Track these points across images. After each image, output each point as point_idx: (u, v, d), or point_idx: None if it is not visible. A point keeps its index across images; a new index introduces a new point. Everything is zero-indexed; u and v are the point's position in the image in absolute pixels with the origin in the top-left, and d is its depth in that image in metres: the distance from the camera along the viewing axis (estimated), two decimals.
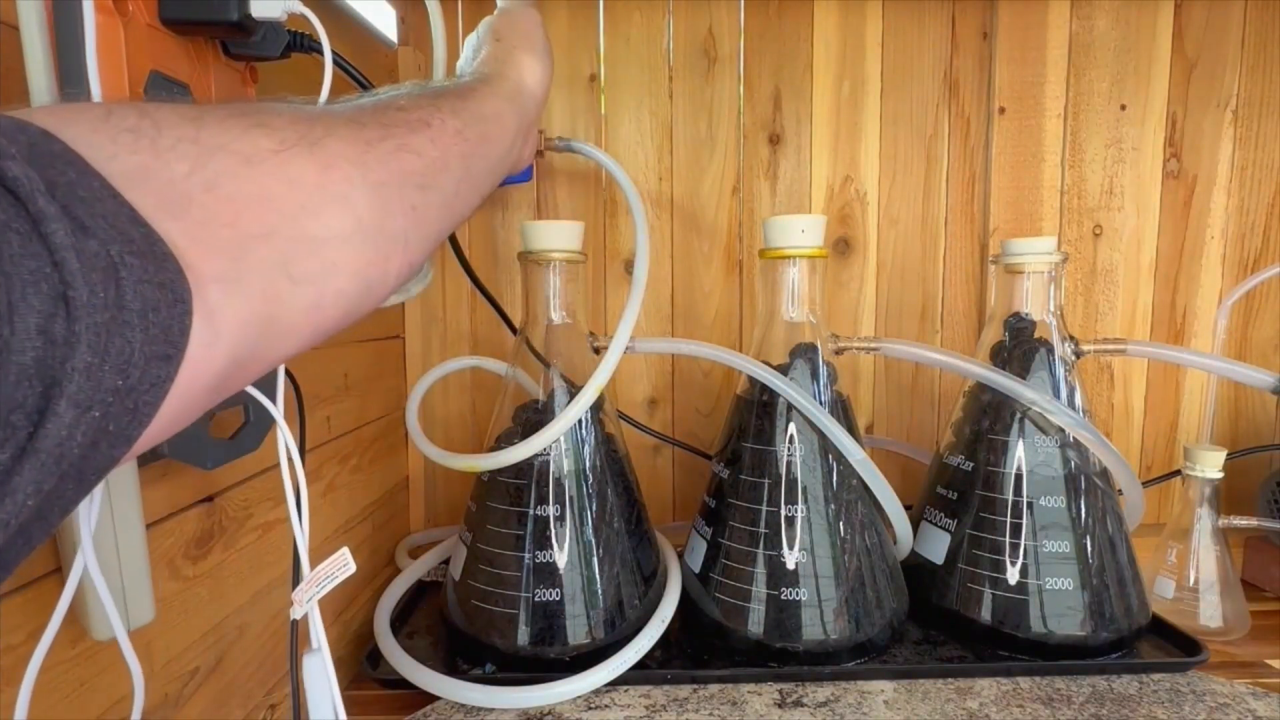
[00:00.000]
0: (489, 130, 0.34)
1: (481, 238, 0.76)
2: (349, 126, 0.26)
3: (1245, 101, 0.74)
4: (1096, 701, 0.47)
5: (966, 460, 0.57)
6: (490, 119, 0.35)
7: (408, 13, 0.72)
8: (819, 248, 0.54)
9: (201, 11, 0.34)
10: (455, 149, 0.31)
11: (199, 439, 0.36)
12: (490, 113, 0.35)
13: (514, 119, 0.37)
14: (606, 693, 0.49)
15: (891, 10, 0.74)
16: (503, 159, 0.36)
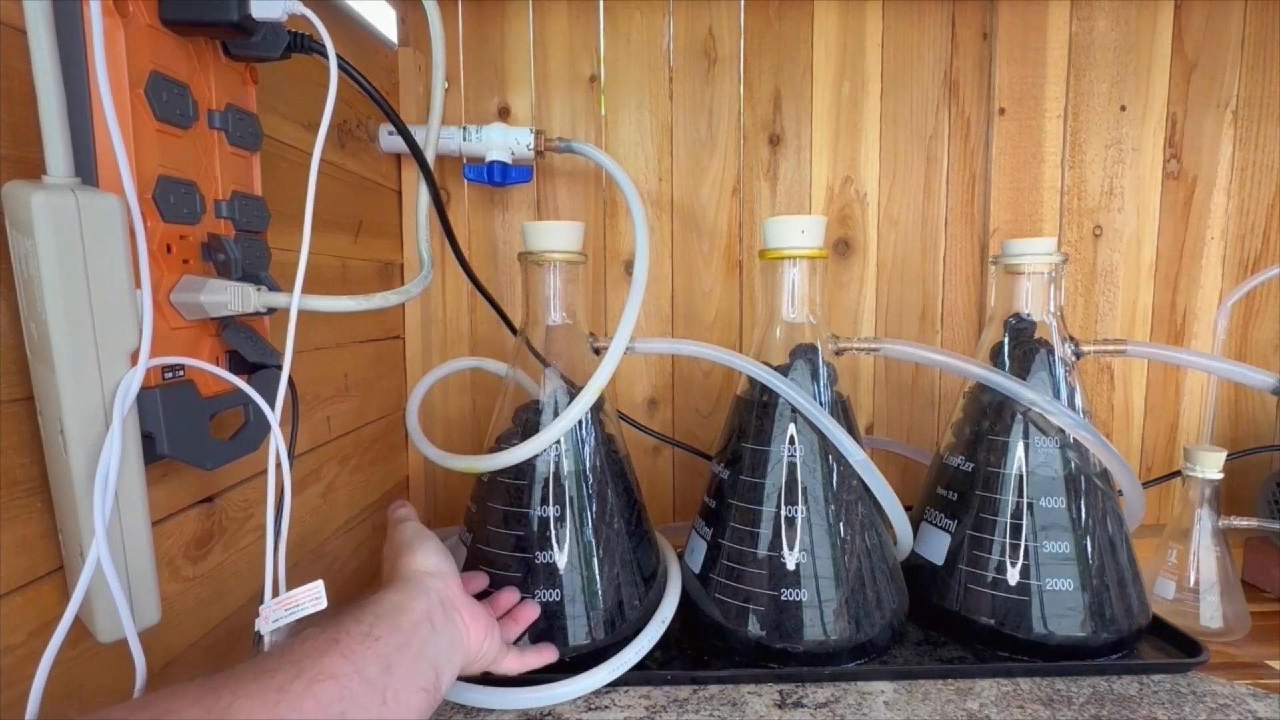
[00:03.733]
0: (399, 620, 0.35)
1: (481, 238, 0.76)
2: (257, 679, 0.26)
3: (1245, 102, 0.74)
4: (1097, 702, 0.47)
5: (967, 461, 0.57)
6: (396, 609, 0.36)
7: (407, 13, 0.72)
8: (819, 248, 0.54)
9: (202, 12, 0.34)
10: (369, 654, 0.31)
11: (199, 439, 0.36)
12: (394, 604, 0.36)
13: (419, 600, 0.37)
14: (607, 693, 0.49)
15: (891, 11, 0.74)
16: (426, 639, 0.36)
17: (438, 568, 0.41)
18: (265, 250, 0.42)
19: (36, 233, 0.28)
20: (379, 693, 0.31)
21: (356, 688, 0.30)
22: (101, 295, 0.30)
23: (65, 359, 0.29)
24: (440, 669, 0.36)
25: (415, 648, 0.35)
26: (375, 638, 0.33)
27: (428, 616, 0.37)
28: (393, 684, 0.32)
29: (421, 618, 0.37)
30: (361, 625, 0.33)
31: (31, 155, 0.31)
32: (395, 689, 0.32)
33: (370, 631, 0.33)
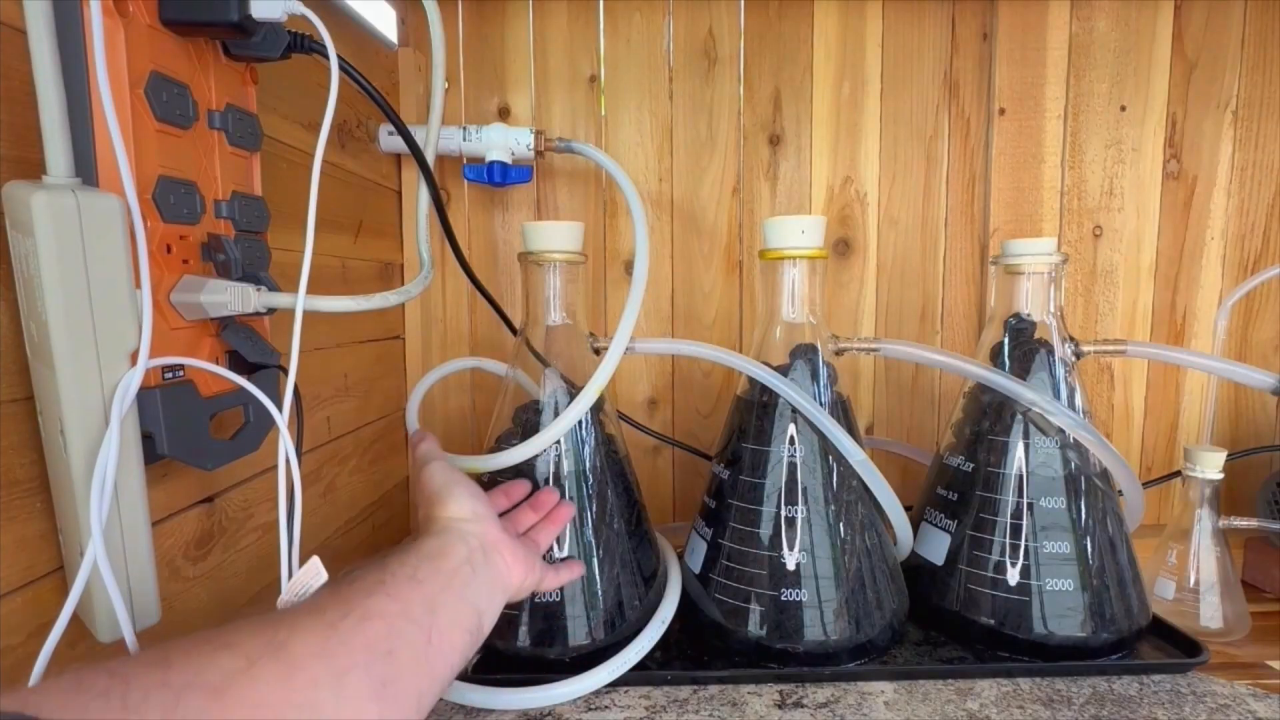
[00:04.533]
0: (440, 564, 0.36)
1: (481, 238, 0.76)
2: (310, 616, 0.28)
3: (1245, 102, 0.74)
4: (1097, 703, 0.47)
5: (967, 461, 0.57)
6: (437, 554, 0.36)
7: (408, 14, 0.72)
8: (819, 249, 0.54)
9: (202, 12, 0.34)
10: (414, 595, 0.32)
11: (200, 439, 0.36)
12: (434, 549, 0.37)
13: (458, 545, 0.38)
14: (607, 694, 0.49)
15: (891, 11, 0.74)
16: (467, 581, 0.37)
17: (473, 512, 0.41)
18: (265, 250, 0.42)
19: (37, 233, 0.28)
20: (424, 631, 0.32)
21: (403, 627, 0.31)
22: (101, 295, 0.30)
23: (65, 359, 0.29)
24: (482, 610, 0.37)
25: (457, 589, 0.35)
26: (419, 580, 0.33)
27: (468, 561, 0.37)
28: (437, 624, 0.32)
29: (462, 562, 0.37)
30: (406, 568, 0.34)
31: (32, 155, 0.31)
32: (440, 628, 0.32)
33: (414, 575, 0.34)
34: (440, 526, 0.40)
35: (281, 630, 0.26)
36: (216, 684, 0.22)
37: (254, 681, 0.23)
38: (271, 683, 0.24)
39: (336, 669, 0.26)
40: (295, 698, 0.24)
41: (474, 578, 0.37)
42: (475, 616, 0.36)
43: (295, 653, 0.25)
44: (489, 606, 0.38)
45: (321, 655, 0.26)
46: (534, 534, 0.47)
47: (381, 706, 0.27)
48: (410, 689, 0.30)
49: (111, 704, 0.20)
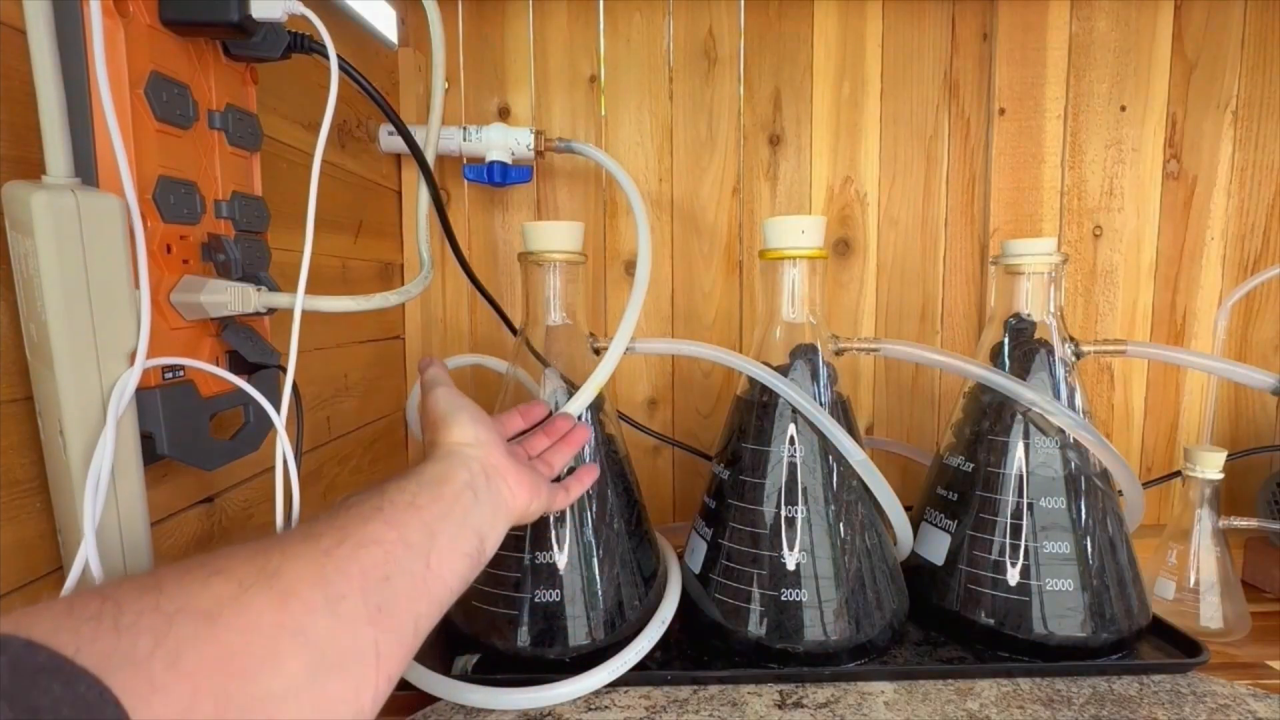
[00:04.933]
0: (441, 490, 0.35)
1: (481, 238, 0.76)
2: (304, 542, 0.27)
3: (1245, 102, 0.74)
4: (1097, 703, 0.47)
5: (967, 461, 0.57)
6: (438, 480, 0.36)
7: (408, 13, 0.72)
8: (819, 248, 0.54)
9: (202, 12, 0.34)
10: (413, 521, 0.32)
11: (200, 440, 0.36)
12: (435, 474, 0.36)
13: (460, 470, 0.37)
14: (607, 694, 0.49)
15: (891, 11, 0.74)
16: (469, 507, 0.36)
17: (476, 437, 0.40)
18: (265, 250, 0.42)
19: (36, 233, 0.28)
20: (423, 557, 0.31)
21: (401, 553, 0.30)
22: (101, 295, 0.30)
23: (65, 359, 0.29)
24: (484, 535, 0.37)
25: (458, 515, 0.35)
26: (418, 506, 0.33)
27: (470, 486, 0.37)
28: (437, 549, 0.32)
29: (463, 487, 0.37)
30: (405, 494, 0.33)
31: (31, 155, 0.31)
32: (439, 553, 0.32)
33: (413, 501, 0.33)
34: (443, 452, 0.39)
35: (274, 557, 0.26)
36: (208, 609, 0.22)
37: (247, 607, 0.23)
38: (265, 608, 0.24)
39: (331, 595, 0.26)
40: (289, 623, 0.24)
41: (475, 503, 0.37)
42: (477, 541, 0.36)
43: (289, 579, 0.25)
44: (491, 531, 0.37)
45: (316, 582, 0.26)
46: (547, 456, 0.47)
47: (378, 631, 0.27)
48: (407, 613, 0.30)
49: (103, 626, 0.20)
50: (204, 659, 0.21)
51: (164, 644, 0.20)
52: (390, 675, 0.28)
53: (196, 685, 0.20)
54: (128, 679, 0.19)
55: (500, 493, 0.39)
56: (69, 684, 0.18)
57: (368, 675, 0.27)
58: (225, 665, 0.22)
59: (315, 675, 0.24)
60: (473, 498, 0.37)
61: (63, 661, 0.18)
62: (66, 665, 0.18)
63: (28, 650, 0.18)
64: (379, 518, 0.31)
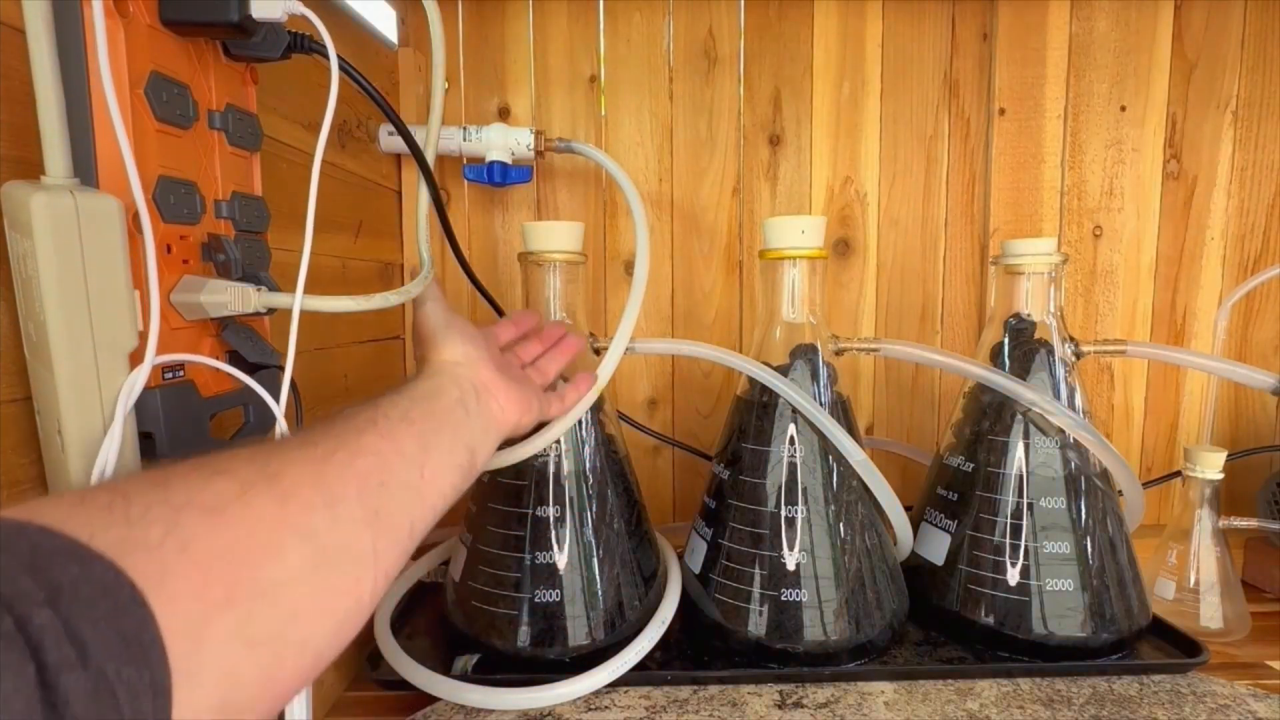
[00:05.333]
0: (433, 406, 0.36)
1: (481, 238, 0.76)
2: (302, 448, 0.28)
3: (1245, 103, 0.74)
4: (1097, 703, 0.47)
5: (967, 461, 0.57)
6: (429, 395, 0.37)
7: (408, 13, 0.72)
8: (819, 248, 0.54)
9: (202, 13, 0.34)
10: (406, 433, 0.33)
11: (200, 439, 0.36)
12: (426, 390, 0.37)
13: (450, 386, 0.38)
14: (607, 694, 0.49)
15: (891, 11, 0.74)
16: (460, 421, 0.37)
17: (465, 356, 0.41)
18: (265, 250, 0.42)
19: (35, 233, 0.28)
20: (417, 467, 0.32)
21: (395, 462, 0.31)
22: (100, 296, 0.30)
23: (63, 360, 0.29)
24: (475, 449, 0.37)
25: (449, 429, 0.36)
26: (411, 420, 0.34)
27: (461, 403, 0.38)
28: (430, 461, 0.33)
29: (454, 403, 0.37)
30: (397, 409, 0.34)
31: (31, 155, 0.31)
32: (432, 464, 0.33)
33: (406, 415, 0.34)
34: (433, 369, 0.40)
35: (274, 461, 0.26)
36: (213, 504, 0.23)
37: (249, 505, 0.24)
38: (266, 506, 0.24)
39: (330, 497, 0.27)
40: (290, 520, 0.25)
41: (467, 419, 0.37)
42: (468, 454, 0.37)
43: (289, 481, 0.26)
44: (482, 446, 0.38)
45: (315, 484, 0.27)
46: (541, 364, 0.47)
47: (375, 533, 0.28)
48: (403, 518, 0.30)
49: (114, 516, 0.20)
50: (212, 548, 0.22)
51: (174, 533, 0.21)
52: (387, 573, 0.29)
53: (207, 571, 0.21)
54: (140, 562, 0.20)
55: (490, 410, 0.40)
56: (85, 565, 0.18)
57: (366, 572, 0.27)
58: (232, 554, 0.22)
59: (316, 568, 0.25)
60: (464, 414, 0.37)
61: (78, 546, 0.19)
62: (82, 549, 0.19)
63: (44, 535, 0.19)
64: (373, 430, 0.32)
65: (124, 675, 0.18)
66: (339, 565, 0.26)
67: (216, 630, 0.21)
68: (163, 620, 0.19)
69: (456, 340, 0.41)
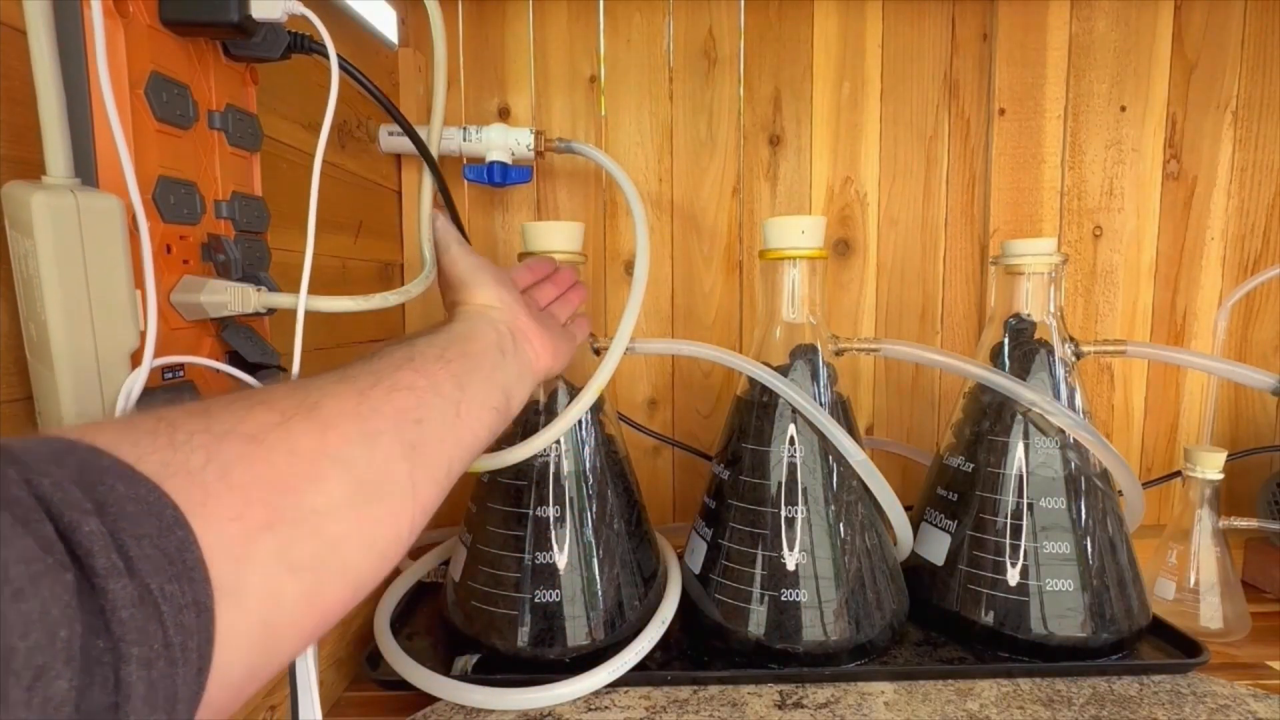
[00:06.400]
0: (468, 347, 0.36)
1: (482, 238, 0.76)
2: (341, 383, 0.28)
3: (1245, 103, 0.74)
4: (1097, 703, 0.47)
5: (967, 461, 0.57)
6: (465, 337, 0.37)
7: (408, 13, 0.72)
8: (819, 249, 0.54)
9: (202, 13, 0.34)
10: (442, 372, 0.33)
11: None
12: (462, 332, 0.37)
13: (487, 330, 0.38)
14: (607, 694, 0.49)
15: (891, 12, 0.74)
16: (496, 364, 0.37)
17: (500, 300, 0.41)
18: (265, 251, 0.42)
19: (36, 233, 0.28)
20: (453, 405, 0.32)
21: (431, 399, 0.31)
22: (101, 296, 0.30)
23: (64, 360, 0.29)
24: (510, 392, 0.37)
25: (485, 371, 0.36)
26: (447, 360, 0.33)
27: (497, 346, 0.38)
28: (465, 400, 0.33)
29: (490, 346, 0.37)
30: (434, 349, 0.34)
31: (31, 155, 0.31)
32: (468, 404, 0.33)
33: (442, 355, 0.34)
34: (467, 313, 0.39)
35: (313, 393, 0.27)
36: (253, 433, 0.23)
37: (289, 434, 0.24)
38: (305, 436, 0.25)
39: (368, 430, 0.27)
40: (329, 450, 0.25)
41: (503, 362, 0.37)
42: (503, 397, 0.36)
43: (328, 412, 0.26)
44: (517, 389, 0.38)
45: (354, 416, 0.27)
46: (554, 308, 0.48)
47: (412, 466, 0.28)
48: (439, 455, 0.30)
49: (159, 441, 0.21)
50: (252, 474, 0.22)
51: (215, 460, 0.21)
52: (425, 508, 0.29)
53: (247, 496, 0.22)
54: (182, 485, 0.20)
55: (525, 355, 0.40)
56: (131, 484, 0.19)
57: (404, 505, 0.28)
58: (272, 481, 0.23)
59: (355, 499, 0.25)
60: (499, 356, 0.37)
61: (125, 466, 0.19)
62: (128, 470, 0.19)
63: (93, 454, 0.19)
64: (410, 367, 0.31)
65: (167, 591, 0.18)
66: (378, 496, 0.26)
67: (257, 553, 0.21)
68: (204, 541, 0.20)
69: (491, 284, 0.41)
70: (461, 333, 0.37)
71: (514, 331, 0.39)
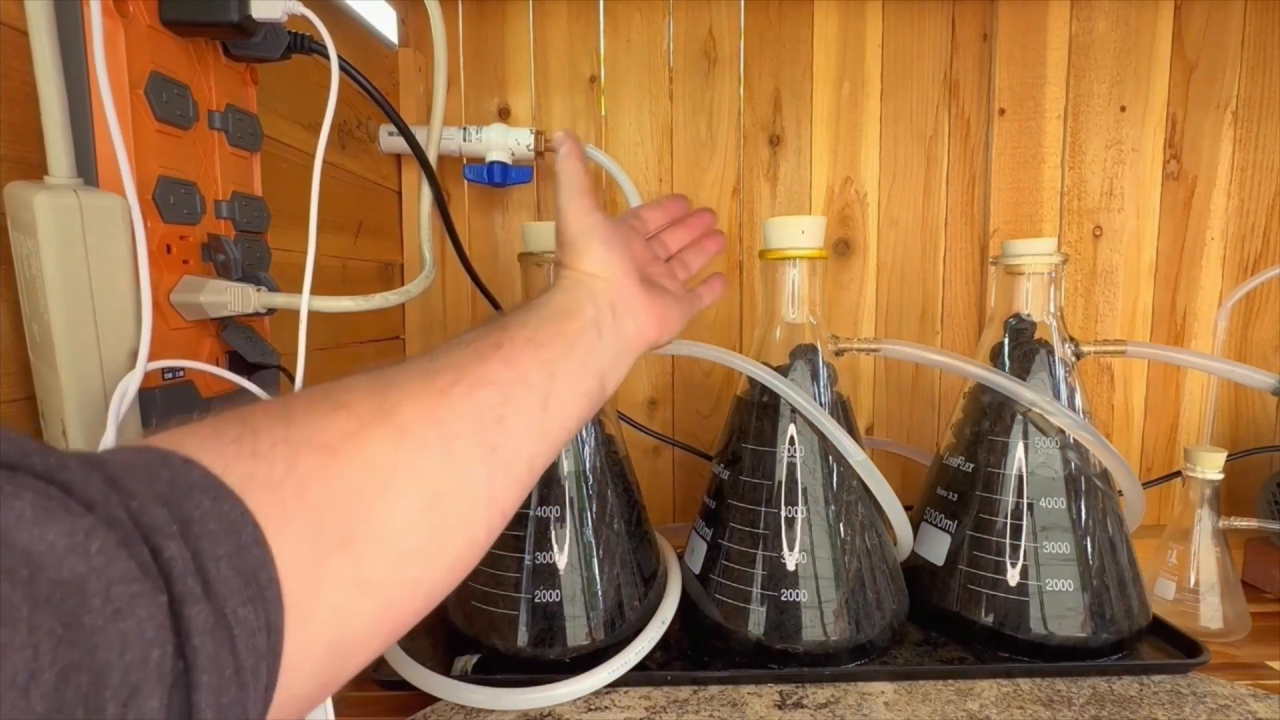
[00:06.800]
0: (564, 326, 0.34)
1: (482, 238, 0.76)
2: (421, 379, 0.27)
3: (1245, 103, 0.74)
4: (1097, 703, 0.47)
5: (967, 461, 0.57)
6: (562, 314, 0.34)
7: (408, 13, 0.72)
8: (819, 249, 0.54)
9: (202, 13, 0.34)
10: (531, 360, 0.31)
11: None
12: (560, 307, 0.35)
13: (587, 304, 0.35)
14: (607, 694, 0.49)
15: (891, 12, 0.74)
16: (592, 345, 0.34)
17: (607, 267, 0.37)
18: (265, 251, 0.42)
19: (39, 233, 0.28)
20: (541, 397, 0.31)
21: (518, 393, 0.30)
22: (104, 295, 0.30)
23: (67, 359, 0.29)
24: (605, 374, 0.35)
25: (580, 354, 0.34)
26: (539, 344, 0.32)
27: (595, 323, 0.35)
28: (556, 389, 0.31)
29: (588, 324, 0.35)
30: (526, 330, 0.32)
31: (33, 155, 0.31)
32: (558, 394, 0.31)
33: (534, 337, 0.32)
34: (570, 281, 0.37)
35: (392, 393, 0.26)
36: (331, 443, 0.23)
37: (365, 443, 0.24)
38: (382, 444, 0.24)
39: (445, 435, 0.26)
40: (404, 460, 0.25)
41: (600, 341, 0.35)
42: (597, 381, 0.34)
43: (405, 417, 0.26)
44: (613, 370, 0.36)
45: (431, 421, 0.26)
46: (684, 256, 0.45)
47: (490, 471, 0.28)
48: (521, 454, 0.29)
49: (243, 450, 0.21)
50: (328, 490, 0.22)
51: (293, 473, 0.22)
52: (504, 511, 0.29)
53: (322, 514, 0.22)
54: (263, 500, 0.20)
55: (626, 330, 0.37)
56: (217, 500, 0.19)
57: (479, 510, 0.27)
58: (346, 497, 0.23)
59: (429, 511, 0.25)
60: (596, 335, 0.35)
61: (213, 480, 0.20)
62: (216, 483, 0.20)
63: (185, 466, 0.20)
64: (497, 356, 0.30)
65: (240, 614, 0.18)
66: (452, 506, 0.26)
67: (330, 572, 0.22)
68: (280, 561, 0.20)
69: (599, 248, 0.38)
70: (559, 308, 0.35)
71: (615, 305, 0.36)
